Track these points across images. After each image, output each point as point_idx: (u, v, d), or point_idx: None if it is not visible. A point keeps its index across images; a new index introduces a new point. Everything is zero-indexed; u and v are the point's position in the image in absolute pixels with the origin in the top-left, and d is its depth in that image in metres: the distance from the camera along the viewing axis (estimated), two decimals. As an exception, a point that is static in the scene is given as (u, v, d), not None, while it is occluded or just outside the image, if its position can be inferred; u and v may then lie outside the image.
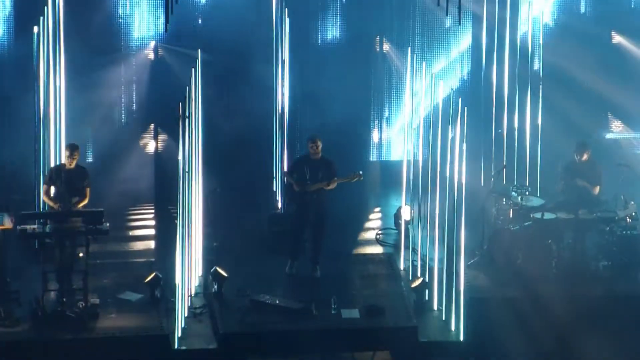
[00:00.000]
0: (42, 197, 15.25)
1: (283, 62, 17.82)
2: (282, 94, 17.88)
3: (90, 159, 18.54)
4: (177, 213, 14.15)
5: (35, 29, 16.42)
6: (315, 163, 15.49)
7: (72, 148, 14.92)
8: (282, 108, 17.84)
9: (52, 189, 14.94)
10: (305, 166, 15.54)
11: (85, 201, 14.90)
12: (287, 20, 17.77)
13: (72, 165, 14.88)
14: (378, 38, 19.34)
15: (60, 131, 16.93)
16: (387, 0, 19.51)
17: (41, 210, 15.77)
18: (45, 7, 16.38)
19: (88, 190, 14.93)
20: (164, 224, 17.06)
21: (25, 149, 17.37)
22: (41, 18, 16.30)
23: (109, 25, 18.84)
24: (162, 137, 18.96)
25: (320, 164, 15.50)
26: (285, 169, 16.92)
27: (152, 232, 17.69)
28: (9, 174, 17.49)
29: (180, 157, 13.97)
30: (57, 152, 16.71)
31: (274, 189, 18.15)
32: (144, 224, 18.36)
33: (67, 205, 14.67)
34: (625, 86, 19.68)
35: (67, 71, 16.99)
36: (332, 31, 19.37)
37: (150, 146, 19.17)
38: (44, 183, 15.34)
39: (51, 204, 14.83)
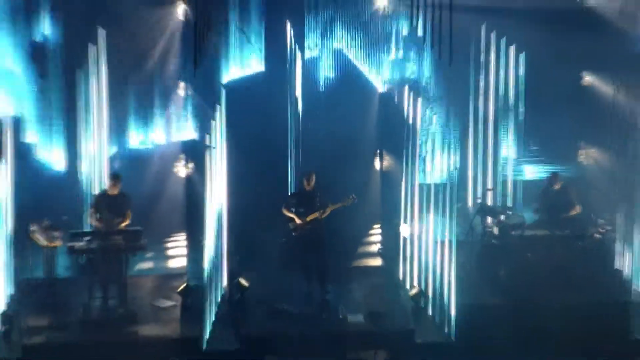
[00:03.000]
0: (89, 219, 15.66)
1: (296, 100, 18.17)
2: (297, 127, 18.32)
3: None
4: (204, 239, 14.49)
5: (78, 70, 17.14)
6: (309, 194, 15.63)
7: (114, 178, 15.50)
8: (298, 137, 18.31)
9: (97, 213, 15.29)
10: (301, 199, 15.68)
11: (127, 222, 15.35)
12: (300, 57, 18.24)
13: (116, 192, 15.47)
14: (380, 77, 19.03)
15: (103, 160, 17.66)
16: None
17: (87, 229, 16.17)
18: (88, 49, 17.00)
19: (129, 212, 15.39)
20: (195, 241, 16.01)
21: (72, 174, 17.66)
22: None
23: (143, 61, 18.64)
24: (190, 165, 18.60)
25: (314, 195, 15.64)
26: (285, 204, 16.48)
27: (183, 251, 17.63)
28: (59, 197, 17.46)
29: (207, 184, 14.44)
30: (100, 180, 17.38)
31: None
32: (177, 244, 18.56)
33: (110, 226, 15.12)
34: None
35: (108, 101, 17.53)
36: (341, 67, 19.37)
37: (182, 173, 18.93)
38: (90, 206, 15.75)
39: (96, 224, 15.28)
